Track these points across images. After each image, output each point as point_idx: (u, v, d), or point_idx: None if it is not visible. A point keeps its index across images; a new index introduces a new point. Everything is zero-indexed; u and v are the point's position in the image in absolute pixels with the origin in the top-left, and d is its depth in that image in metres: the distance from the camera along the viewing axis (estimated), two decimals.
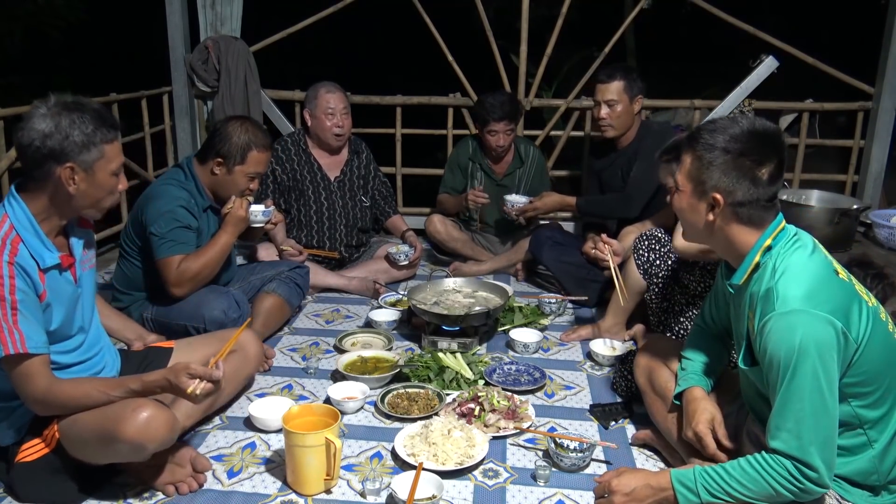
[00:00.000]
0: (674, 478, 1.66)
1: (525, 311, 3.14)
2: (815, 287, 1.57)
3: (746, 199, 1.65)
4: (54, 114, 1.74)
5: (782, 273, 1.60)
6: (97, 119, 1.78)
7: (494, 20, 4.41)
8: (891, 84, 4.12)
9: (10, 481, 1.87)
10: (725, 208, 1.67)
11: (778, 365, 1.55)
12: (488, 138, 3.65)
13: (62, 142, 1.72)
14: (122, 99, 4.09)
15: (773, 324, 1.56)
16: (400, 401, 2.37)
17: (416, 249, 3.59)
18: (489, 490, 1.96)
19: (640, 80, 3.29)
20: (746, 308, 1.69)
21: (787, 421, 1.53)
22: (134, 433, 1.71)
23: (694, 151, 1.70)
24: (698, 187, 1.70)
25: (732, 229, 1.70)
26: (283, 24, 4.43)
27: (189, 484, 1.92)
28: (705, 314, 2.06)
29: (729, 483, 1.59)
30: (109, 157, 1.80)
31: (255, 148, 2.66)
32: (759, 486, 1.57)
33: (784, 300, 1.55)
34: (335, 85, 3.53)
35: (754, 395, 1.78)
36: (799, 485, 1.53)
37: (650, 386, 2.14)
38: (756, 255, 1.67)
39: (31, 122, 1.74)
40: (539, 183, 3.84)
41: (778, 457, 1.55)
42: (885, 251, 3.57)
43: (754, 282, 1.67)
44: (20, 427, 1.86)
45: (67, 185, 1.75)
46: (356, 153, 3.67)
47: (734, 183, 1.64)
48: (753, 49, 4.35)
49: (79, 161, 1.74)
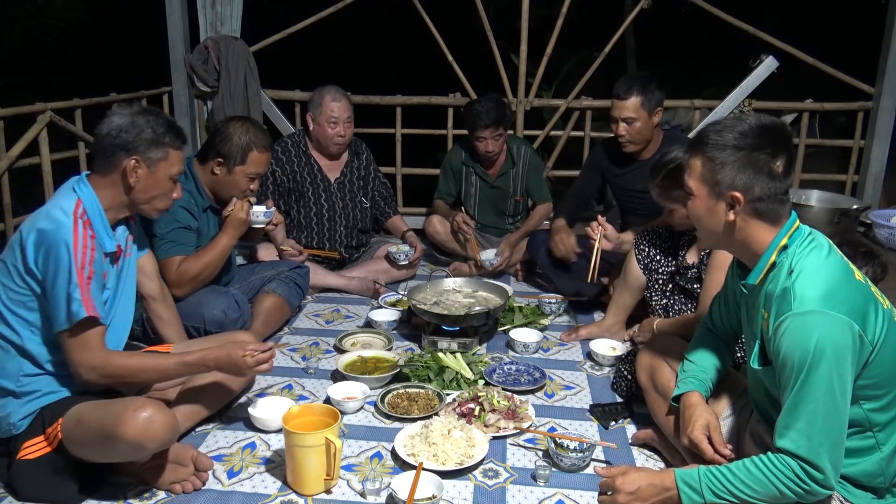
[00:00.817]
0: (678, 478, 1.66)
1: (525, 311, 3.14)
2: (833, 288, 1.55)
3: (765, 194, 1.63)
4: (133, 114, 1.96)
5: (799, 273, 1.58)
6: (168, 125, 2.00)
7: (494, 20, 4.42)
8: (891, 84, 4.12)
9: (11, 478, 1.87)
10: (746, 205, 1.64)
11: (792, 365, 1.53)
12: (477, 144, 3.65)
13: (135, 136, 1.92)
14: (122, 99, 4.10)
15: (790, 324, 1.54)
16: (400, 401, 2.37)
17: (416, 249, 3.59)
18: (489, 490, 1.96)
19: (659, 90, 3.10)
20: (761, 308, 1.68)
21: (798, 420, 1.53)
22: (134, 433, 1.72)
23: (704, 154, 1.67)
24: (714, 189, 1.67)
25: (751, 227, 1.67)
26: (283, 24, 4.43)
27: (192, 482, 1.92)
28: (713, 315, 2.04)
29: (733, 483, 1.59)
30: (172, 161, 2.00)
31: (256, 148, 2.67)
32: (763, 486, 1.56)
33: (801, 301, 1.54)
34: (340, 91, 3.49)
35: (762, 395, 1.78)
36: (804, 486, 1.53)
37: (652, 384, 2.14)
38: (773, 255, 1.65)
39: (111, 117, 1.96)
40: (533, 182, 3.83)
41: (784, 457, 1.55)
42: (885, 251, 3.57)
43: (770, 281, 1.66)
44: (31, 413, 1.85)
45: (130, 177, 1.93)
46: (356, 154, 3.67)
47: (752, 179, 1.62)
48: (753, 49, 4.35)
49: (145, 156, 1.94)
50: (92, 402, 1.86)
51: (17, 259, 1.83)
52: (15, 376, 1.85)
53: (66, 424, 1.81)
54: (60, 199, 1.89)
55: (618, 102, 3.09)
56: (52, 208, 1.86)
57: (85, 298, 1.79)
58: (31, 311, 1.85)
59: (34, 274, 1.81)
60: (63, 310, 1.78)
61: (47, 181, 3.43)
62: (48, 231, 1.80)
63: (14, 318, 1.85)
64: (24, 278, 1.83)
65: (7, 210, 3.29)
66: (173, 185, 2.04)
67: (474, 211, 3.88)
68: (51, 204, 1.90)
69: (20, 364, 1.86)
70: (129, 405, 1.76)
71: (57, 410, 1.84)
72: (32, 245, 1.80)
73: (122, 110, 1.97)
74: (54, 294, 1.79)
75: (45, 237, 1.79)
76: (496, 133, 3.60)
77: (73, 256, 1.79)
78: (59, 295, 1.78)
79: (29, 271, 1.81)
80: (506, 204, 3.88)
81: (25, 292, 1.84)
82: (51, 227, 1.80)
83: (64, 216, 1.83)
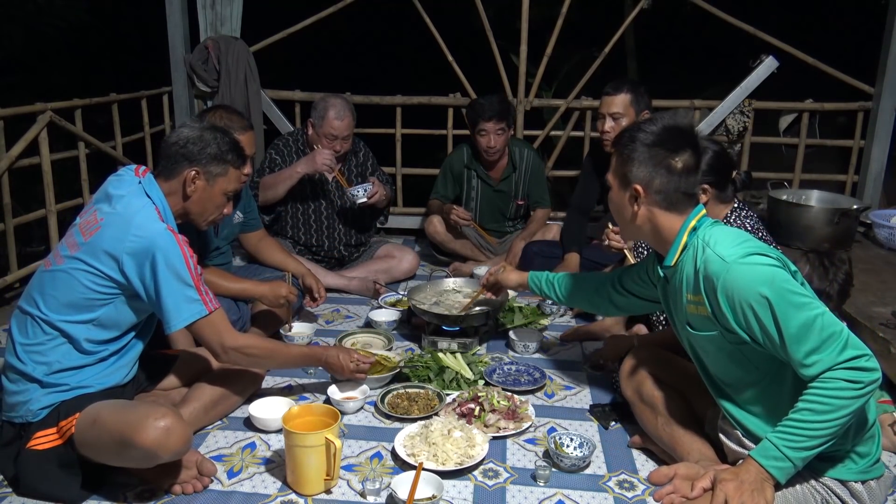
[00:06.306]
0: (756, 457, 1.62)
1: (525, 311, 3.14)
2: (745, 241, 1.70)
3: (664, 188, 1.78)
4: (202, 129, 2.06)
5: (713, 242, 1.70)
6: (233, 145, 2.09)
7: (494, 20, 4.41)
8: (891, 84, 4.12)
9: (17, 468, 1.87)
10: (646, 197, 1.80)
11: (756, 309, 1.60)
12: (479, 139, 3.64)
13: (200, 149, 2.01)
14: (122, 99, 4.10)
15: (727, 278, 1.63)
16: (400, 401, 2.37)
17: (373, 184, 3.50)
18: (489, 490, 1.96)
19: (648, 96, 3.20)
20: (684, 292, 1.78)
21: (806, 343, 1.55)
22: (151, 442, 1.72)
23: (617, 150, 1.86)
24: (623, 181, 1.85)
25: (656, 216, 1.82)
26: (283, 24, 4.43)
27: (193, 485, 1.92)
28: (625, 280, 2.20)
29: (805, 428, 1.55)
30: (230, 179, 2.09)
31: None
32: (832, 409, 1.53)
33: (725, 257, 1.65)
34: (345, 106, 3.42)
35: (718, 372, 1.81)
36: (861, 381, 1.52)
37: (638, 396, 2.14)
38: (684, 236, 1.79)
39: (181, 128, 2.07)
40: (534, 186, 3.83)
41: (825, 377, 1.54)
42: (885, 251, 3.56)
43: (686, 263, 1.76)
44: (51, 405, 1.86)
45: (188, 186, 2.01)
46: (353, 153, 3.66)
47: (651, 172, 1.79)
48: (753, 49, 4.35)
49: (205, 169, 2.02)
50: (111, 403, 1.86)
51: (107, 266, 1.85)
52: (49, 366, 1.86)
53: (81, 421, 1.81)
54: (137, 205, 1.91)
55: (606, 98, 3.19)
56: (137, 216, 1.88)
57: (203, 297, 1.93)
58: (100, 309, 1.88)
59: (132, 285, 1.86)
60: (185, 310, 1.90)
61: (47, 181, 3.43)
62: (147, 244, 1.84)
63: (78, 313, 1.87)
64: (111, 284, 1.86)
65: (7, 210, 3.29)
66: (226, 201, 2.13)
67: (475, 213, 3.88)
68: (128, 208, 1.90)
69: (63, 354, 1.87)
70: (151, 413, 1.76)
71: (74, 406, 1.85)
72: (132, 260, 1.84)
73: (194, 123, 2.09)
74: (166, 300, 1.86)
75: (147, 251, 1.84)
76: (499, 127, 3.59)
77: (184, 261, 1.88)
78: (176, 299, 1.87)
79: (126, 283, 1.86)
80: (507, 207, 3.88)
81: (104, 296, 1.87)
82: (148, 240, 1.85)
83: (157, 225, 1.89)
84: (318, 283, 2.97)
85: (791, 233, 3.50)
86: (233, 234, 3.00)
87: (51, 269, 1.90)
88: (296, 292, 2.75)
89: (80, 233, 1.91)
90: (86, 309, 1.87)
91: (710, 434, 1.98)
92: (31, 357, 1.87)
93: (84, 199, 3.73)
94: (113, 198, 1.93)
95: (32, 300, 1.90)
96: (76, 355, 1.89)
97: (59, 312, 1.86)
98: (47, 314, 1.87)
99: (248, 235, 3.11)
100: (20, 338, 1.90)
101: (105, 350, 1.93)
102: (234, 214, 2.92)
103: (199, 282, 1.93)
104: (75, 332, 1.87)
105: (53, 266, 1.90)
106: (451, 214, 3.68)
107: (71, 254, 1.88)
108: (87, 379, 1.91)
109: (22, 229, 3.49)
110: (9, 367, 1.91)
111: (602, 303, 2.33)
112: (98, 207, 1.94)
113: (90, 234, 1.88)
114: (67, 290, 1.86)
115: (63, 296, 1.86)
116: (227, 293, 2.65)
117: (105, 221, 1.89)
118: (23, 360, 1.87)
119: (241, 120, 2.74)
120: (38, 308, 1.88)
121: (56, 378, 1.87)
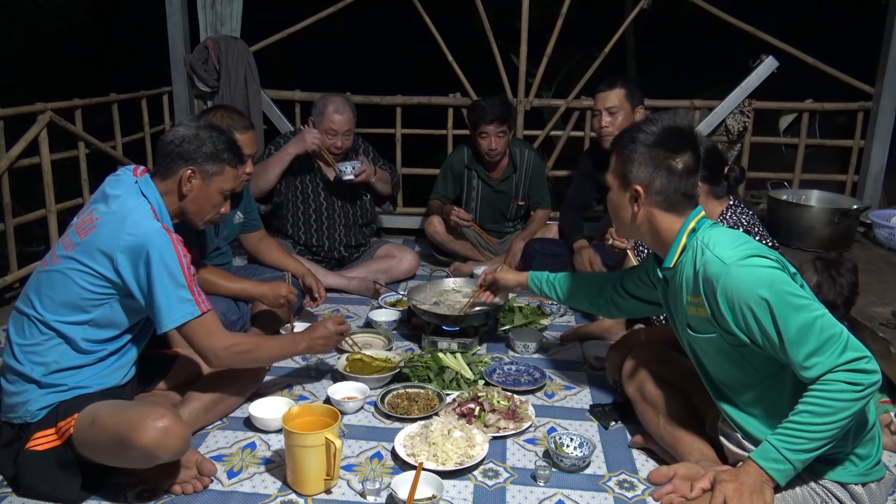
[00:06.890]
0: (756, 459, 1.62)
1: (525, 311, 3.14)
2: (745, 243, 1.70)
3: (664, 189, 1.78)
4: (198, 127, 2.05)
5: (712, 244, 1.70)
6: (229, 144, 2.08)
7: (494, 20, 4.41)
8: (891, 84, 4.12)
9: (17, 469, 1.87)
10: (646, 198, 1.80)
11: (755, 311, 1.60)
12: (480, 142, 3.64)
13: (195, 148, 2.00)
14: (122, 99, 4.10)
15: (727, 280, 1.63)
16: (400, 401, 2.37)
17: (362, 162, 3.49)
18: (489, 490, 1.96)
19: (642, 92, 3.25)
20: (684, 294, 1.78)
21: (806, 345, 1.55)
22: (150, 442, 1.72)
23: (617, 150, 1.85)
24: (623, 182, 1.84)
25: (656, 217, 1.82)
26: (283, 24, 4.43)
27: (193, 485, 1.92)
28: (626, 282, 2.20)
29: (805, 430, 1.55)
30: (226, 178, 2.07)
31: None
32: (831, 412, 1.53)
33: (723, 261, 1.65)
34: (345, 103, 3.44)
35: (717, 373, 1.81)
36: (861, 383, 1.52)
37: (640, 395, 2.14)
38: (683, 237, 1.79)
39: (177, 127, 2.06)
40: (535, 186, 3.83)
41: (824, 379, 1.54)
42: (885, 251, 3.56)
43: (686, 264, 1.76)
44: (49, 405, 1.86)
45: (184, 186, 2.00)
46: (353, 151, 3.66)
47: (652, 173, 1.79)
48: (753, 49, 4.35)
49: (201, 168, 2.01)
50: (110, 404, 1.86)
51: (102, 265, 1.84)
52: (47, 366, 1.86)
53: (80, 422, 1.81)
54: (132, 204, 1.90)
55: (602, 94, 3.24)
56: (132, 215, 1.87)
57: (196, 298, 1.91)
58: (95, 309, 1.87)
59: (126, 284, 1.85)
60: (176, 311, 1.88)
61: (47, 181, 3.43)
62: (141, 242, 1.83)
63: (74, 314, 1.86)
64: (106, 284, 1.86)
65: (7, 210, 3.29)
66: (223, 201, 2.12)
67: (475, 214, 3.87)
68: (123, 207, 1.89)
69: (61, 355, 1.87)
70: (149, 413, 1.76)
71: (73, 406, 1.85)
72: (126, 258, 1.84)
73: (190, 122, 2.09)
74: (158, 299, 1.85)
75: (141, 248, 1.83)
76: (500, 129, 3.59)
77: (177, 261, 1.87)
78: (168, 299, 1.86)
79: (120, 282, 1.85)
80: (507, 207, 3.88)
81: (99, 296, 1.86)
82: (142, 237, 1.84)
83: (152, 223, 1.88)
84: (318, 283, 2.97)
85: (791, 233, 3.50)
86: (233, 235, 3.00)
87: (47, 270, 1.90)
88: (296, 292, 2.74)
89: (76, 233, 1.90)
90: (81, 309, 1.86)
91: (711, 435, 1.98)
92: (29, 358, 1.87)
93: (84, 199, 3.73)
94: (109, 197, 1.93)
95: (29, 300, 1.90)
96: (74, 355, 1.89)
97: (54, 313, 1.86)
98: (43, 314, 1.86)
99: (249, 235, 3.10)
100: (18, 338, 1.90)
101: (103, 350, 1.93)
102: (234, 215, 2.92)
103: (192, 282, 1.91)
104: (71, 332, 1.87)
105: (49, 266, 1.90)
106: (450, 215, 3.68)
107: (66, 253, 1.88)
108: (86, 379, 1.91)
109: (22, 229, 3.49)
110: (7, 368, 1.91)
111: (603, 304, 2.33)
112: (94, 207, 1.94)
113: (86, 234, 1.88)
114: (63, 290, 1.86)
115: (59, 296, 1.86)
116: (227, 293, 2.65)
117: (100, 221, 1.88)
118: (20, 361, 1.87)
119: (242, 119, 2.75)
120: (34, 308, 1.88)
121: (54, 378, 1.87)
